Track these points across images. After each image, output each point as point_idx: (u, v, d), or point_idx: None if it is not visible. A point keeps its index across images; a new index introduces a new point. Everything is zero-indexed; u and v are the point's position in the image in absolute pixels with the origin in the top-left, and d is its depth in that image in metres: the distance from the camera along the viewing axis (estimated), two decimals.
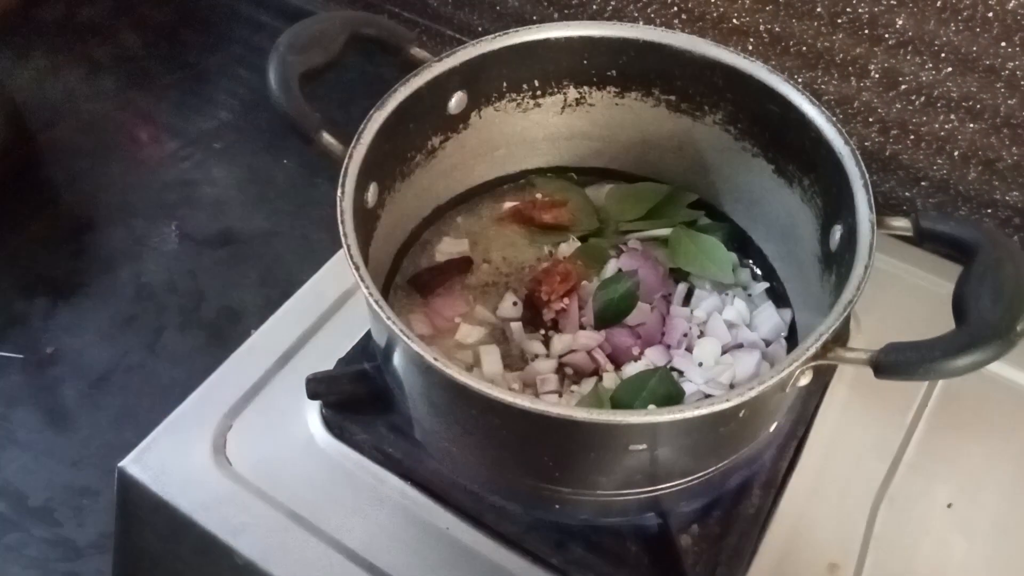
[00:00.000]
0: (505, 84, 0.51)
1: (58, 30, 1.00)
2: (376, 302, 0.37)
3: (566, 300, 0.50)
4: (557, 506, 0.44)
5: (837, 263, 0.42)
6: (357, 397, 0.50)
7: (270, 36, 1.09)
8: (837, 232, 0.43)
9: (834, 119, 0.44)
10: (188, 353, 0.73)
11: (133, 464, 0.50)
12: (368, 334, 0.54)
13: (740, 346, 0.49)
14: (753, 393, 0.35)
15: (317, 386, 0.49)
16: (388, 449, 0.49)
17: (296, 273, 0.73)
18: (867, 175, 0.42)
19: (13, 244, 0.81)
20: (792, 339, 0.49)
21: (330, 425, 0.51)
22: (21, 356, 0.73)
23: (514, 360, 0.49)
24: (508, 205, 0.56)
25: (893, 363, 0.35)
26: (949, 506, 0.49)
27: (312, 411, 0.51)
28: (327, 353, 0.54)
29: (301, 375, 0.51)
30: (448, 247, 0.54)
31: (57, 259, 0.80)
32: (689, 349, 0.48)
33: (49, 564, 0.63)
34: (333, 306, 0.57)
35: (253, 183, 0.86)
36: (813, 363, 0.36)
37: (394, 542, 0.47)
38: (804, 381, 0.39)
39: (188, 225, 0.82)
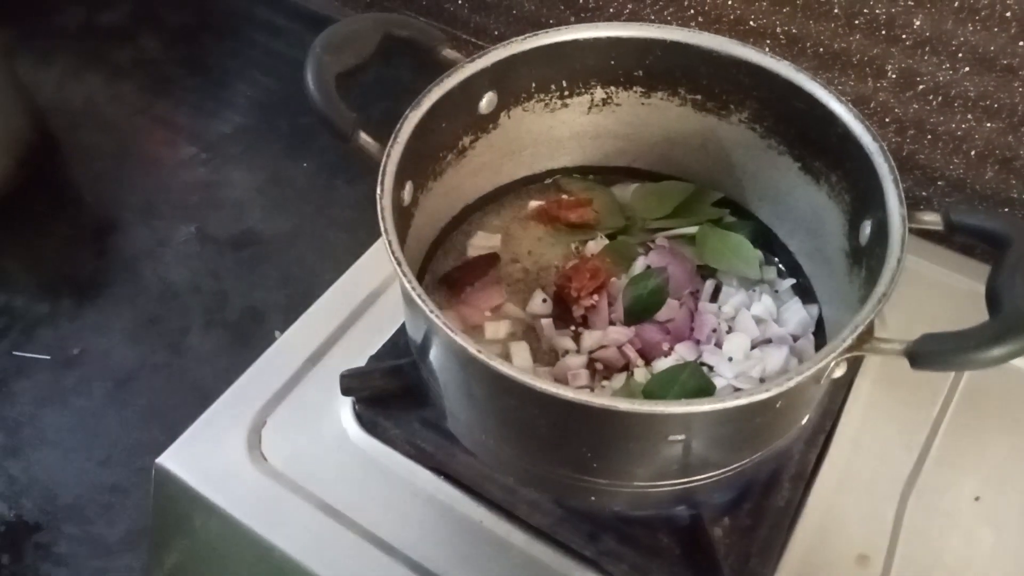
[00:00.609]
0: (534, 84, 0.52)
1: (79, 35, 1.01)
2: (419, 296, 0.37)
3: (596, 296, 0.50)
4: (592, 498, 0.44)
5: (867, 257, 0.43)
6: (390, 392, 0.51)
7: (287, 40, 1.10)
8: (867, 227, 0.43)
9: (861, 115, 0.45)
10: (213, 352, 0.74)
11: (170, 460, 0.50)
12: (399, 331, 0.55)
13: (768, 341, 0.49)
14: (791, 383, 0.35)
15: (351, 382, 0.50)
16: (421, 444, 0.50)
17: (318, 273, 0.74)
18: (896, 170, 0.42)
19: (37, 245, 0.82)
20: (819, 334, 0.50)
21: (363, 421, 0.51)
22: (48, 357, 0.74)
23: (544, 356, 0.50)
24: (534, 204, 0.57)
25: (928, 353, 0.36)
26: (977, 499, 0.49)
27: (345, 407, 0.52)
28: (358, 350, 0.54)
29: (333, 372, 0.52)
30: (481, 241, 0.54)
31: (81, 260, 0.81)
32: (718, 345, 0.49)
33: (80, 561, 0.63)
34: (362, 304, 0.58)
35: (273, 185, 0.87)
36: (848, 354, 0.37)
37: (428, 535, 0.47)
38: (838, 373, 0.39)
39: (210, 226, 0.83)
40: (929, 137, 0.64)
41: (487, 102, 0.50)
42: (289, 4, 0.99)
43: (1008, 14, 0.55)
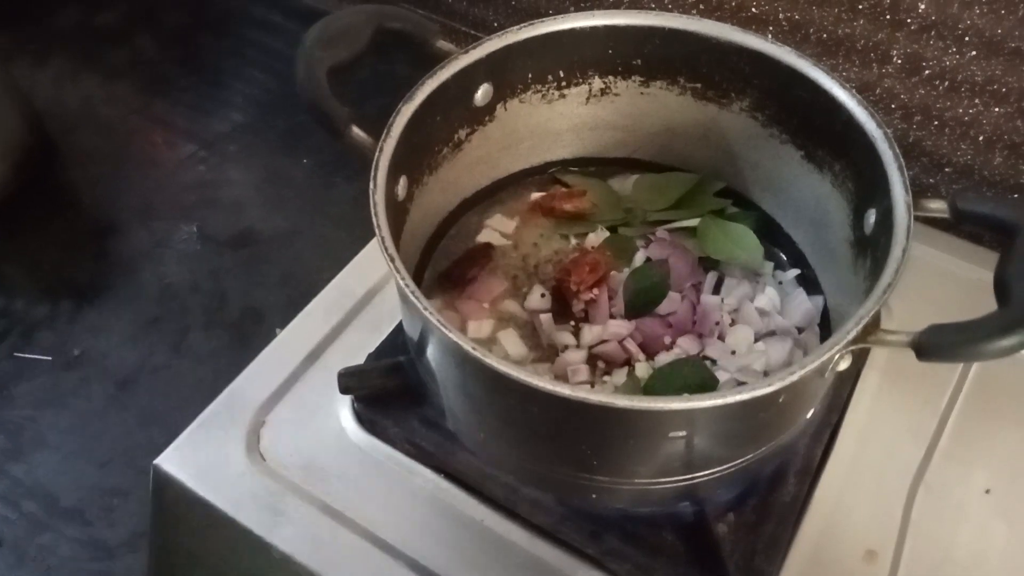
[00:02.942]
0: (530, 75, 0.51)
1: (75, 36, 1.01)
2: (413, 293, 0.37)
3: (595, 290, 0.50)
4: (594, 496, 0.44)
5: (872, 247, 0.42)
6: (389, 391, 0.50)
7: (284, 38, 1.10)
8: (871, 216, 0.42)
9: (865, 102, 0.44)
10: (213, 353, 0.73)
11: (168, 461, 0.50)
12: (397, 328, 0.54)
13: (772, 334, 0.48)
14: (794, 377, 0.35)
15: (349, 380, 0.50)
16: (420, 442, 0.49)
17: (317, 272, 0.73)
18: (901, 158, 0.41)
19: (36, 248, 0.82)
20: (824, 326, 0.49)
21: (362, 419, 0.51)
22: (48, 359, 0.73)
23: (544, 352, 0.49)
24: (531, 197, 0.56)
25: (936, 344, 0.35)
26: (987, 492, 0.48)
27: (344, 406, 0.52)
28: (356, 348, 0.54)
29: (331, 370, 0.51)
30: (499, 224, 0.54)
31: (80, 262, 0.81)
32: (721, 338, 0.48)
33: (81, 564, 0.63)
34: (360, 302, 0.57)
35: (271, 184, 0.86)
36: (853, 347, 0.36)
37: (429, 534, 0.47)
38: (843, 366, 0.38)
39: (209, 226, 0.83)
40: (936, 123, 0.63)
41: (483, 94, 0.49)
42: (285, 1, 0.98)
43: None
